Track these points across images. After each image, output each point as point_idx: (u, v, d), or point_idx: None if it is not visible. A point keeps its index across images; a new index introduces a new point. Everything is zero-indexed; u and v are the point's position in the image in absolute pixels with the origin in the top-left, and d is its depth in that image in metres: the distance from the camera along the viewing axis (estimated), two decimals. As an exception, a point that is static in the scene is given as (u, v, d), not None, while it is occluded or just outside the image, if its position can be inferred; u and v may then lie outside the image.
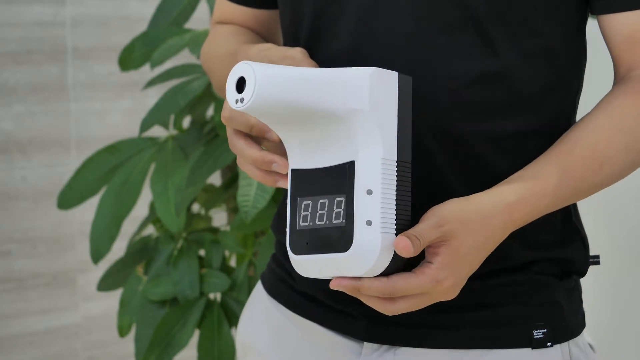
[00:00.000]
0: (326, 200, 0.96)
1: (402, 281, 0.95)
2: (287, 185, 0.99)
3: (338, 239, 0.95)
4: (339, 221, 0.95)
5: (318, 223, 0.96)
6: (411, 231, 0.95)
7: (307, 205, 0.96)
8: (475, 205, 0.98)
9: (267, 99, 0.93)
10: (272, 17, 1.26)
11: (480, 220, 0.97)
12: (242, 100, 0.93)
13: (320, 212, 0.96)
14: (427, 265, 0.96)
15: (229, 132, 1.03)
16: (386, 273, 0.96)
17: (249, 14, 1.26)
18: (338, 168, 0.97)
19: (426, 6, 1.04)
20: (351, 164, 0.96)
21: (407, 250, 0.93)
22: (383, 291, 0.95)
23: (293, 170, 0.98)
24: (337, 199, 0.96)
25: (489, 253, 1.00)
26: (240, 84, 0.94)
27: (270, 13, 1.26)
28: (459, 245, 0.96)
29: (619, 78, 1.10)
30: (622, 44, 1.09)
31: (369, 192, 0.95)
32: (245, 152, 1.01)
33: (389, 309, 0.97)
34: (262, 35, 1.27)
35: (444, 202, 0.99)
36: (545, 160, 1.03)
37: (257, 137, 1.02)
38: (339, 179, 0.96)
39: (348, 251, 0.94)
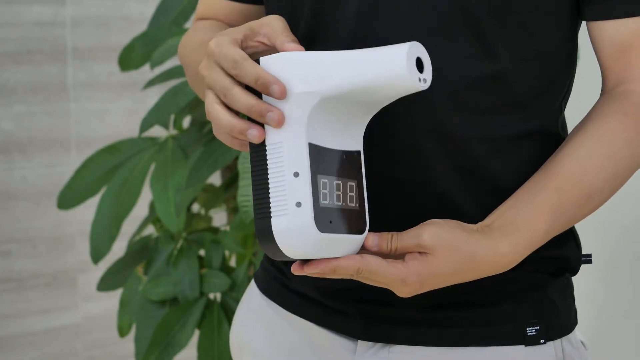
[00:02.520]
0: (340, 182, 0.98)
1: (375, 263, 0.98)
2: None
3: (355, 221, 0.99)
4: (354, 205, 0.99)
5: (337, 203, 0.98)
6: (399, 235, 0.99)
7: (325, 184, 0.97)
8: (472, 246, 1.00)
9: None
10: (257, 13, 1.25)
11: (469, 260, 1.00)
12: (424, 80, 0.95)
13: (337, 192, 0.98)
14: (401, 262, 0.98)
15: (209, 100, 1.00)
16: None
17: (235, 9, 1.24)
18: (350, 154, 1.00)
19: (425, 8, 1.04)
20: (358, 153, 1.00)
21: (370, 246, 1.00)
22: (356, 269, 0.98)
23: (311, 145, 0.97)
24: (350, 183, 0.99)
25: (459, 283, 1.02)
26: (419, 64, 0.95)
27: (256, 9, 1.24)
28: (438, 265, 0.99)
29: (607, 89, 1.10)
30: (611, 53, 1.08)
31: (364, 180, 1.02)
32: (222, 121, 0.98)
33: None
34: None
35: (448, 223, 1.00)
36: (536, 203, 1.03)
37: (259, 90, 0.98)
38: (349, 165, 0.99)
39: (363, 234, 1.00)
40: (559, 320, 1.11)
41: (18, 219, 2.69)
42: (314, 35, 1.09)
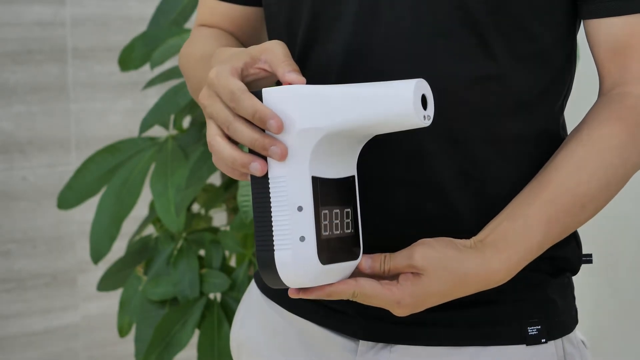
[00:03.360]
0: (338, 211, 0.99)
1: (369, 287, 0.99)
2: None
3: (351, 247, 1.00)
4: (350, 230, 1.00)
5: (335, 232, 0.98)
6: (391, 256, 1.01)
7: (325, 215, 0.98)
8: (464, 264, 1.01)
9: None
10: (259, 15, 1.24)
11: (461, 278, 1.01)
12: (428, 117, 0.95)
13: (335, 221, 0.98)
14: (395, 284, 1.00)
15: (211, 132, 1.00)
16: None
17: (236, 11, 1.23)
18: (346, 180, 1.00)
19: (424, 9, 1.04)
20: (354, 178, 1.01)
21: (364, 268, 1.01)
22: (351, 293, 0.99)
23: (314, 178, 0.97)
24: (346, 209, 0.99)
25: (454, 299, 1.03)
26: (423, 100, 0.95)
27: (257, 11, 1.24)
28: (431, 285, 1.00)
29: (604, 92, 1.09)
30: (607, 53, 1.08)
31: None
32: (224, 154, 0.99)
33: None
34: (247, 35, 1.25)
35: (439, 242, 1.01)
36: (530, 215, 1.03)
37: (256, 124, 0.97)
38: (346, 191, 1.00)
39: (358, 258, 1.01)
40: (559, 319, 1.11)
41: (18, 219, 2.69)
42: (313, 36, 1.09)
